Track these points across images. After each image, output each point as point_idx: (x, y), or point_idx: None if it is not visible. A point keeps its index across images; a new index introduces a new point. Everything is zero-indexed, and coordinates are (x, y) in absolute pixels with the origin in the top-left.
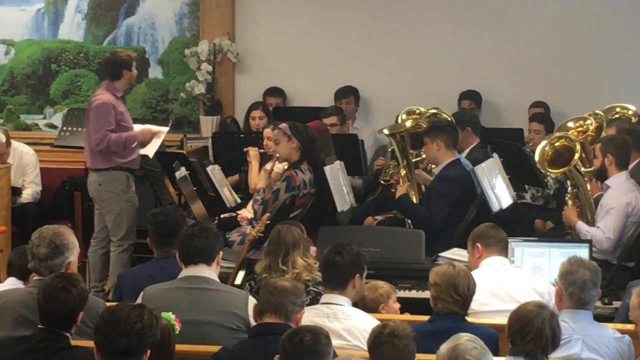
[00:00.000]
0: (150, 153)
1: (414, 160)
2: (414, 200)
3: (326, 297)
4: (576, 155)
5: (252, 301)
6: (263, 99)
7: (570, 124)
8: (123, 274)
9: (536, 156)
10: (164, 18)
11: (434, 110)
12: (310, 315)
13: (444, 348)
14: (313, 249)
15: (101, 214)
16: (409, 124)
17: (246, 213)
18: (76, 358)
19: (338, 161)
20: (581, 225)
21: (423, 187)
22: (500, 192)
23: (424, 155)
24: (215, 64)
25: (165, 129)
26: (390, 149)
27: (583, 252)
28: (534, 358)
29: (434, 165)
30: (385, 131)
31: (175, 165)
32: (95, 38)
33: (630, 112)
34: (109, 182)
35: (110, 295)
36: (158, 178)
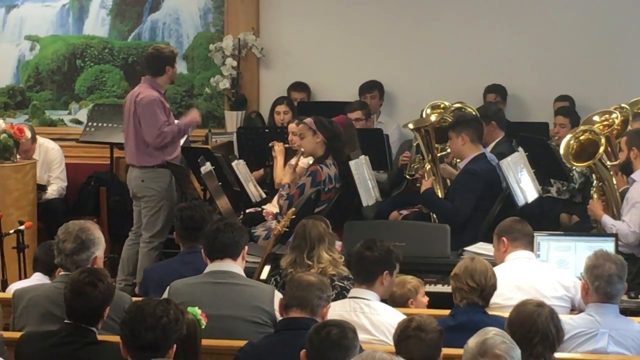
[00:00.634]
0: None
1: (439, 154)
2: (439, 195)
3: (354, 292)
4: (601, 149)
5: (278, 296)
6: (287, 93)
7: (596, 118)
8: (149, 268)
9: (561, 150)
10: (189, 13)
11: (458, 105)
12: (337, 309)
13: (472, 342)
14: (338, 244)
15: (139, 210)
16: (433, 118)
17: (271, 208)
18: (103, 353)
19: (363, 156)
20: (607, 219)
21: (448, 182)
22: (525, 186)
23: (449, 150)
24: (240, 59)
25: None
26: (415, 144)
27: (609, 246)
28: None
29: (459, 160)
30: (410, 125)
31: (200, 160)
32: (120, 33)
33: None
34: (152, 179)
35: (136, 290)
36: (183, 173)
